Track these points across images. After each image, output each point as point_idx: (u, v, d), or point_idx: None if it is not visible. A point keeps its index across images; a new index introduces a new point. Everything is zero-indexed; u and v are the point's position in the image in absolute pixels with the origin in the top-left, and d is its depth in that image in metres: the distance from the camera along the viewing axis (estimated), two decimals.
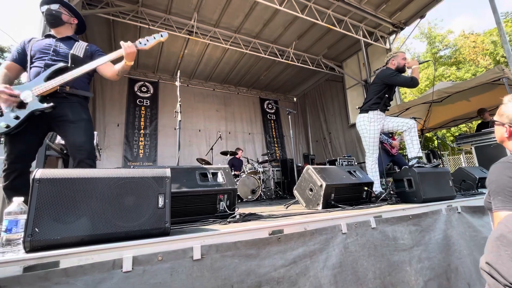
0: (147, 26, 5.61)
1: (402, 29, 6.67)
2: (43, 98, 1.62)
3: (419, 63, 2.96)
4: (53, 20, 1.86)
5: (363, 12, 5.88)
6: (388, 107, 3.02)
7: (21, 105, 1.57)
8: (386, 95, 2.90)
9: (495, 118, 1.23)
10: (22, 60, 1.78)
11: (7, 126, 1.52)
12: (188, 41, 6.59)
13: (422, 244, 1.92)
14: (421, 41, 18.16)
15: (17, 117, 1.54)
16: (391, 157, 4.44)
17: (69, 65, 1.74)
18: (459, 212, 2.23)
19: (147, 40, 1.85)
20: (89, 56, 1.89)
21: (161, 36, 1.89)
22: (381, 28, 6.61)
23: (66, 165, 3.61)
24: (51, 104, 1.62)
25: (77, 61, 1.78)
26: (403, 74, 2.92)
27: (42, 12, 1.84)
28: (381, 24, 6.41)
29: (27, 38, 1.84)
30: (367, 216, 1.73)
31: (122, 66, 1.82)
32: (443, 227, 2.05)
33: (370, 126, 2.89)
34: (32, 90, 1.60)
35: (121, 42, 1.76)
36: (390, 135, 4.54)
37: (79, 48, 1.87)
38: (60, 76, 1.65)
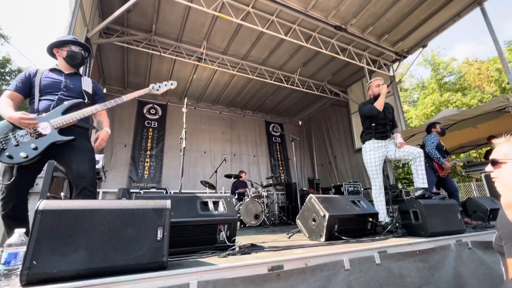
0: (158, 53, 5.91)
1: (405, 57, 6.85)
2: (61, 130, 1.71)
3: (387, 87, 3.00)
4: (79, 63, 2.03)
5: (366, 41, 6.09)
6: (386, 133, 3.01)
7: (38, 136, 1.64)
8: (373, 124, 2.98)
9: (499, 157, 1.19)
10: (24, 91, 1.83)
11: (26, 156, 1.57)
12: (197, 67, 6.87)
13: (431, 283, 1.82)
14: (425, 68, 18.45)
15: (36, 148, 1.60)
16: (438, 177, 3.91)
17: (86, 101, 1.89)
18: (470, 248, 2.13)
19: (159, 87, 2.13)
20: (94, 93, 2.05)
21: (171, 84, 2.19)
22: (384, 56, 6.80)
23: (71, 186, 3.65)
24: (73, 137, 1.71)
25: (89, 97, 1.95)
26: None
27: (70, 50, 1.97)
28: (384, 53, 6.60)
29: (32, 71, 1.91)
30: (371, 251, 1.67)
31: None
32: (453, 264, 1.95)
33: (367, 155, 3.00)
34: (50, 122, 1.68)
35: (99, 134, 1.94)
36: (446, 156, 4.01)
37: (87, 84, 2.02)
38: (78, 111, 1.77)
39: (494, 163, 1.20)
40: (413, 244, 1.91)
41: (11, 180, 1.56)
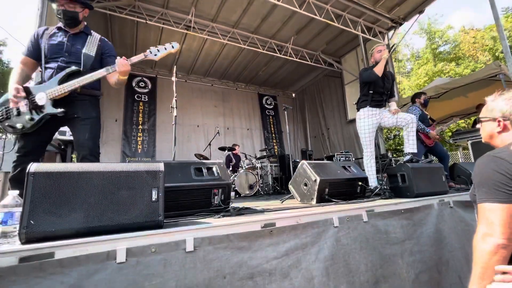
0: (144, 21, 5.57)
1: (400, 24, 6.64)
2: (55, 101, 1.68)
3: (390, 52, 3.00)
4: (71, 22, 1.84)
5: (361, 7, 5.85)
6: (381, 102, 3.03)
7: (36, 106, 1.64)
8: (370, 91, 3.00)
9: (483, 115, 1.23)
10: (36, 54, 1.77)
11: (23, 127, 1.62)
12: (186, 36, 6.55)
13: (414, 238, 1.95)
14: (420, 37, 18.07)
15: (31, 119, 1.63)
16: (427, 147, 3.96)
17: (81, 69, 1.78)
18: (451, 207, 2.26)
19: (158, 51, 1.89)
20: (100, 55, 1.91)
21: (172, 47, 1.92)
22: (379, 23, 6.58)
23: (64, 160, 3.63)
24: (62, 110, 1.68)
25: (89, 63, 1.82)
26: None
27: (58, 9, 1.79)
28: (380, 20, 6.38)
29: (40, 30, 1.80)
30: (359, 210, 1.76)
31: (117, 79, 1.85)
32: (435, 221, 2.09)
33: (361, 122, 3.04)
34: (46, 93, 1.65)
35: (117, 59, 1.77)
36: (431, 124, 4.03)
37: (92, 44, 1.87)
38: (73, 81, 1.70)
39: (480, 120, 1.25)
40: (399, 203, 2.01)
41: (12, 149, 1.65)
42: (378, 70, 2.88)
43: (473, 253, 0.98)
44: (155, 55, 1.90)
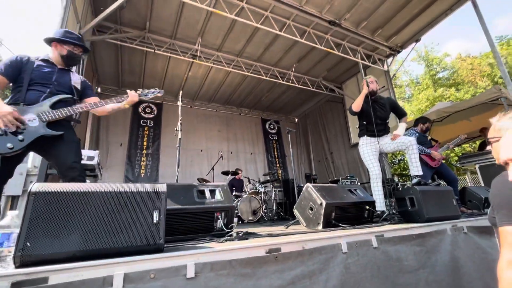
0: (152, 51, 5.87)
1: (398, 52, 6.89)
2: (48, 123, 1.72)
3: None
4: (73, 63, 2.06)
5: (360, 36, 6.12)
6: (375, 132, 2.99)
7: (25, 128, 1.63)
8: (364, 122, 3.11)
9: (491, 135, 1.21)
10: (12, 75, 1.78)
11: (12, 147, 1.55)
12: (192, 64, 6.84)
13: (428, 266, 1.83)
14: (418, 64, 18.59)
15: (22, 140, 1.59)
16: (433, 169, 3.81)
17: (75, 97, 1.93)
18: (466, 233, 2.15)
19: (147, 93, 2.25)
20: (82, 89, 2.07)
21: (158, 92, 2.32)
22: (378, 51, 6.84)
23: None
24: (62, 132, 1.74)
25: (78, 94, 2.01)
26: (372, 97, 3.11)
27: (71, 51, 1.96)
28: (378, 48, 6.64)
29: (24, 57, 1.84)
30: (368, 235, 1.68)
31: (118, 107, 2.07)
32: (449, 248, 1.98)
33: (361, 148, 3.12)
34: (39, 114, 1.68)
35: (128, 91, 2.05)
36: (433, 144, 3.94)
37: (76, 80, 2.04)
38: (69, 107, 1.80)
39: (489, 142, 1.22)
40: (410, 228, 1.93)
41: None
42: (355, 106, 3.02)
43: (499, 282, 0.89)
44: (145, 95, 2.24)
